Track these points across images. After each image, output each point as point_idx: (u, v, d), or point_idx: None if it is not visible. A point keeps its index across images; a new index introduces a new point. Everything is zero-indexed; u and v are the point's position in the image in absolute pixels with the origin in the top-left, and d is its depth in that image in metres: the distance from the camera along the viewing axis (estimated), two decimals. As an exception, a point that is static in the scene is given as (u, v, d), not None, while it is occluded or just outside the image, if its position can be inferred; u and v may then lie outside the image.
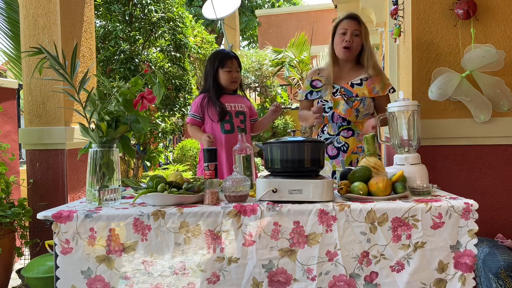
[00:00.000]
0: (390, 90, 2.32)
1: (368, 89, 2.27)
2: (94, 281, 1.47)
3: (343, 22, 2.29)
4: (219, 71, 2.46)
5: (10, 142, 3.26)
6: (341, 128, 2.29)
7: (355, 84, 2.29)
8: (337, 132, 2.29)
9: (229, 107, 2.47)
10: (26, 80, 2.94)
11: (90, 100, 1.62)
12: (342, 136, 2.28)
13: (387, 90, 2.31)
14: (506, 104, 2.24)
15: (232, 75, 2.45)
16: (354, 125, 2.28)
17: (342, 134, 2.28)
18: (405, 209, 1.44)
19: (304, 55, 8.99)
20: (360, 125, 2.28)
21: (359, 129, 2.28)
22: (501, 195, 2.29)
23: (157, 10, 5.16)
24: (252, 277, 1.47)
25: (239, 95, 2.62)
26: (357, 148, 2.26)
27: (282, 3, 17.71)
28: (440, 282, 1.44)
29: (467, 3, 2.19)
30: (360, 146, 2.25)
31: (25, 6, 2.93)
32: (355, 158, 2.25)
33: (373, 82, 2.28)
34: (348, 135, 2.27)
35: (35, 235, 2.84)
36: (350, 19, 2.29)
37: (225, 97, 2.50)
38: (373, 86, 2.28)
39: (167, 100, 5.34)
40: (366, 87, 2.27)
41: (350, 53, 2.28)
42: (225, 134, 2.42)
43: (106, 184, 1.59)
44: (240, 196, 1.55)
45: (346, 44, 2.25)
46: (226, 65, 2.43)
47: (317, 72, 2.45)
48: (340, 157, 2.25)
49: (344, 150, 2.27)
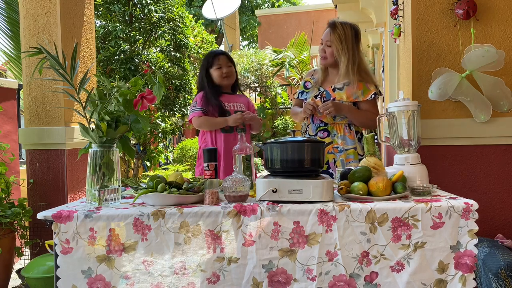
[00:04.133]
0: (371, 96, 2.31)
1: (347, 94, 2.31)
2: (94, 281, 1.47)
3: (324, 32, 2.37)
4: (210, 71, 2.49)
5: (10, 142, 3.26)
6: (318, 129, 2.36)
7: (337, 88, 2.35)
8: (315, 132, 2.37)
9: (228, 107, 2.47)
10: (26, 80, 2.94)
11: (90, 100, 1.62)
12: (319, 137, 2.34)
13: (368, 95, 2.31)
14: (506, 104, 2.24)
15: (223, 71, 2.47)
16: (330, 126, 2.34)
17: (319, 134, 2.36)
18: (405, 209, 1.44)
19: (304, 55, 8.99)
20: (337, 127, 2.33)
21: (336, 130, 2.33)
22: (501, 195, 2.29)
23: (157, 10, 5.16)
24: (252, 277, 1.47)
25: (238, 95, 2.62)
26: (332, 148, 2.31)
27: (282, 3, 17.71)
28: (441, 282, 1.44)
29: (467, 3, 2.19)
30: (335, 146, 2.30)
31: (25, 6, 2.93)
32: (331, 158, 2.31)
33: (354, 88, 2.31)
34: (323, 136, 2.34)
35: (35, 235, 2.84)
36: (328, 27, 2.36)
37: (224, 96, 2.50)
38: (353, 91, 2.31)
39: (167, 100, 5.34)
40: (345, 92, 2.32)
41: (325, 61, 2.38)
42: (224, 133, 2.42)
43: (106, 184, 1.59)
44: (240, 196, 1.55)
45: (320, 53, 2.39)
46: (214, 63, 2.48)
47: (311, 73, 2.55)
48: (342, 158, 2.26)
49: None
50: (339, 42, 2.29)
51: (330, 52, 2.33)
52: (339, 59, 2.31)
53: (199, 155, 2.55)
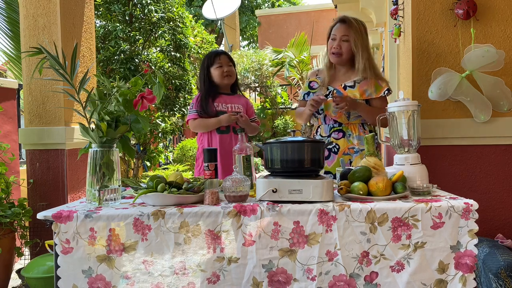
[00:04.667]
0: (385, 92, 2.29)
1: (360, 91, 2.26)
2: (95, 280, 1.48)
3: (334, 28, 2.30)
4: (210, 70, 2.49)
5: (10, 142, 3.26)
6: (332, 130, 2.29)
7: (348, 86, 2.29)
8: (328, 133, 2.30)
9: (225, 108, 2.46)
10: (26, 80, 2.94)
11: (90, 100, 1.62)
12: (333, 138, 2.28)
13: (381, 92, 2.28)
14: (506, 104, 2.24)
15: (224, 69, 2.47)
16: (345, 126, 2.28)
17: (333, 135, 2.28)
18: (405, 209, 1.44)
19: (304, 55, 8.99)
20: (352, 127, 2.28)
21: (350, 130, 2.27)
22: (501, 195, 2.29)
23: (157, 10, 5.16)
24: (252, 277, 1.47)
25: (237, 95, 2.61)
26: (348, 149, 2.25)
27: (282, 3, 17.71)
28: (441, 282, 1.44)
29: (467, 3, 2.19)
30: (351, 147, 2.24)
31: (25, 6, 2.93)
32: (347, 159, 2.25)
33: (366, 85, 2.27)
34: (338, 137, 2.27)
35: (35, 235, 2.84)
36: (341, 23, 2.28)
37: (222, 97, 2.50)
38: (365, 88, 2.26)
39: (167, 100, 5.34)
40: (358, 89, 2.26)
41: (340, 58, 2.28)
42: (219, 134, 2.42)
43: (106, 184, 1.59)
44: (240, 196, 1.55)
45: (334, 50, 2.27)
46: (215, 61, 2.47)
47: (315, 73, 2.46)
48: (342, 158, 2.24)
49: (335, 152, 2.27)
50: (359, 36, 2.23)
51: (347, 47, 2.24)
52: (356, 54, 2.24)
53: (198, 156, 2.55)
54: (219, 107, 2.46)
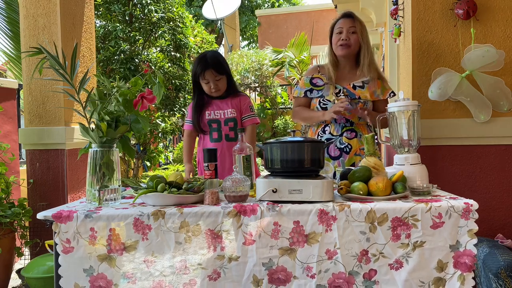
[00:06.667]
0: (390, 94, 2.33)
1: (370, 92, 2.28)
2: (96, 279, 1.48)
3: (339, 22, 2.30)
4: (200, 80, 2.40)
5: (10, 142, 3.26)
6: (344, 129, 2.27)
7: (357, 86, 2.29)
8: (340, 132, 2.27)
9: (218, 115, 2.41)
10: (26, 80, 2.94)
11: (90, 100, 1.62)
12: (346, 137, 2.26)
13: (387, 94, 2.32)
14: (506, 104, 2.24)
15: (210, 87, 2.37)
16: (356, 126, 2.28)
17: (345, 135, 2.26)
18: (405, 209, 1.44)
19: (304, 55, 8.98)
20: (361, 127, 2.29)
21: (361, 131, 2.27)
22: (501, 195, 2.29)
23: (157, 10, 5.16)
24: (253, 274, 1.48)
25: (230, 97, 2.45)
26: (359, 150, 2.25)
27: (282, 3, 17.70)
28: (439, 281, 1.44)
29: (467, 3, 2.19)
30: (362, 148, 2.22)
31: (25, 6, 2.93)
32: (358, 159, 2.23)
33: (374, 86, 2.29)
34: (351, 136, 2.26)
35: (35, 235, 2.84)
36: (345, 17, 2.29)
37: (214, 103, 2.44)
38: (374, 89, 2.29)
39: (167, 100, 5.34)
40: (368, 90, 2.28)
41: (348, 50, 2.25)
42: (212, 142, 2.41)
43: (106, 184, 1.59)
44: (240, 196, 1.55)
45: (343, 42, 2.25)
46: (203, 76, 2.36)
47: (317, 69, 2.39)
48: (342, 158, 2.23)
49: (347, 152, 2.26)
50: (364, 29, 2.25)
51: (355, 39, 2.24)
52: (362, 48, 2.25)
53: (198, 160, 2.56)
54: (211, 115, 2.41)
